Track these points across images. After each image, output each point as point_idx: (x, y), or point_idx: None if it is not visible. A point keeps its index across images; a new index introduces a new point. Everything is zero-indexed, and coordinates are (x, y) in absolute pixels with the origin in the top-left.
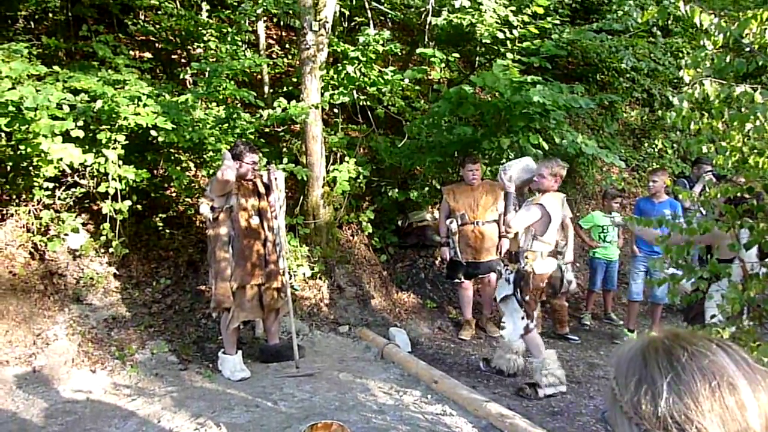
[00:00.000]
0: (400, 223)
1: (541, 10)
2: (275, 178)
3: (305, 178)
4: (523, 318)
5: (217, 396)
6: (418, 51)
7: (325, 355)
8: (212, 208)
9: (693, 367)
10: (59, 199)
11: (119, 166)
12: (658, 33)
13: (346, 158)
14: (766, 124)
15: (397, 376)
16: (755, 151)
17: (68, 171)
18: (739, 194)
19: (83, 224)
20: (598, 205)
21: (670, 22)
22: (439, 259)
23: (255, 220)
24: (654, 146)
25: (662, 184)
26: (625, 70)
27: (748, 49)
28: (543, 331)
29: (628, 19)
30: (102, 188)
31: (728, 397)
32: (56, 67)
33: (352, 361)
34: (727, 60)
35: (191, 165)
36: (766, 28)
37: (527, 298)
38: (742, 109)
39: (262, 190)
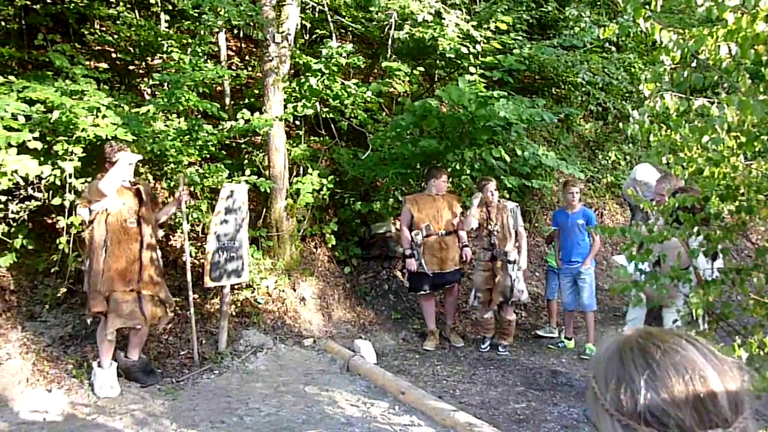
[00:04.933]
0: (363, 234)
1: (504, 26)
2: (185, 195)
3: (268, 190)
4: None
5: (181, 413)
6: (383, 65)
7: (290, 368)
8: (90, 211)
9: (667, 363)
10: (12, 212)
11: (76, 178)
12: (612, 48)
13: (309, 170)
14: (722, 136)
15: (363, 388)
16: (711, 161)
17: (22, 183)
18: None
19: (36, 238)
20: None
21: (623, 38)
22: (401, 270)
23: (132, 224)
24: (608, 158)
25: (578, 196)
26: (581, 84)
27: (699, 64)
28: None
29: (584, 35)
30: (57, 201)
31: (700, 388)
32: (12, 77)
33: (317, 374)
34: (685, 75)
35: (150, 177)
36: (720, 45)
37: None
38: (696, 122)
39: (144, 194)
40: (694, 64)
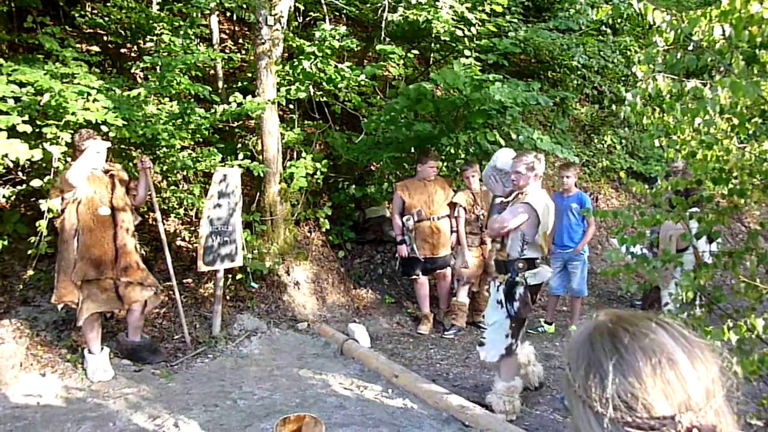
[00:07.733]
0: (357, 218)
1: (500, 9)
2: (148, 168)
3: (262, 174)
4: (508, 336)
5: (174, 396)
6: (377, 48)
7: (284, 352)
8: (62, 199)
9: (635, 347)
10: (3, 197)
11: (65, 162)
12: (608, 31)
13: (303, 154)
14: (715, 118)
15: (357, 371)
16: (703, 144)
17: (11, 167)
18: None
19: (29, 223)
20: None
21: (619, 21)
22: (395, 254)
23: (104, 212)
24: (603, 142)
25: (574, 179)
26: (576, 68)
27: (694, 46)
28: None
29: (579, 17)
30: (36, 183)
31: (669, 371)
32: (1, 60)
33: (311, 358)
34: (678, 56)
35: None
36: (713, 26)
37: (521, 313)
38: (689, 104)
39: (118, 181)
40: (690, 48)
